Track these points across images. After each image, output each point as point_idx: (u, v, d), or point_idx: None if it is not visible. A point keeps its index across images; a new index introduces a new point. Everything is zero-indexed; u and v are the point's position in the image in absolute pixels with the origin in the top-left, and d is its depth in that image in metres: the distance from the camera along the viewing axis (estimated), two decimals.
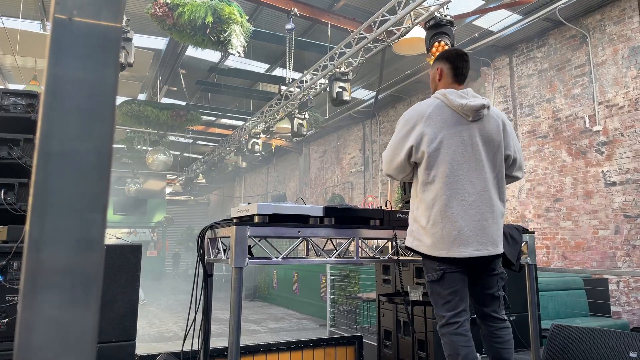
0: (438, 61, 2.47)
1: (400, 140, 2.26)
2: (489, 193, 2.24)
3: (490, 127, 2.30)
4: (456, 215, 2.15)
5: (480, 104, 2.24)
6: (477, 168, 2.23)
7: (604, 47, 7.36)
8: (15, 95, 2.79)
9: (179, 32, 7.19)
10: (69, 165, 0.32)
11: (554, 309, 5.50)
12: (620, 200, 7.00)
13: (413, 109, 2.34)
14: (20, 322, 0.31)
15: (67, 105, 0.33)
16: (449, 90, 2.29)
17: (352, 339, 4.17)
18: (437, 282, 2.19)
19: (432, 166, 2.20)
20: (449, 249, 2.13)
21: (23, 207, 2.65)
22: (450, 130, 2.21)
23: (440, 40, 4.75)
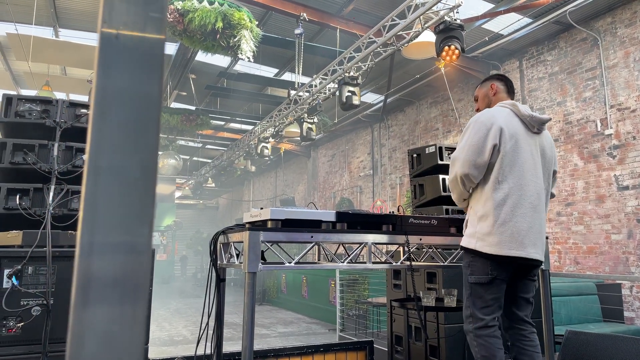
0: (488, 81, 2.71)
1: (482, 140, 2.32)
2: (543, 202, 2.40)
3: (547, 142, 2.51)
4: (525, 216, 2.26)
5: (548, 118, 2.46)
6: (539, 177, 2.39)
7: (615, 50, 7.30)
8: (30, 102, 2.83)
9: (189, 38, 7.26)
10: (117, 179, 0.33)
11: (566, 315, 5.44)
12: (633, 205, 6.92)
13: (486, 114, 2.44)
14: (71, 334, 0.31)
15: (115, 120, 0.33)
16: (515, 103, 2.49)
17: (363, 344, 4.15)
18: (483, 285, 2.25)
19: (506, 167, 2.30)
20: (517, 248, 2.21)
21: (38, 212, 2.68)
22: (520, 137, 2.36)
23: (450, 44, 4.73)
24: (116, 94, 0.34)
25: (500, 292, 2.27)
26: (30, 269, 2.48)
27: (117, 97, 0.33)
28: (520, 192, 2.28)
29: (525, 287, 2.41)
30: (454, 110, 10.34)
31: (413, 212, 4.09)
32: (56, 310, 2.47)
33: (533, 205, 2.29)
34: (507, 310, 2.42)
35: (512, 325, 2.40)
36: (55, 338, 2.44)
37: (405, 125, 12.26)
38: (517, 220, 2.24)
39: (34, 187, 2.71)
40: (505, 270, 2.26)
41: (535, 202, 2.31)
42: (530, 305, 2.43)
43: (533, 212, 2.29)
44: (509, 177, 2.29)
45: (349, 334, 7.32)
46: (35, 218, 2.61)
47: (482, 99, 2.69)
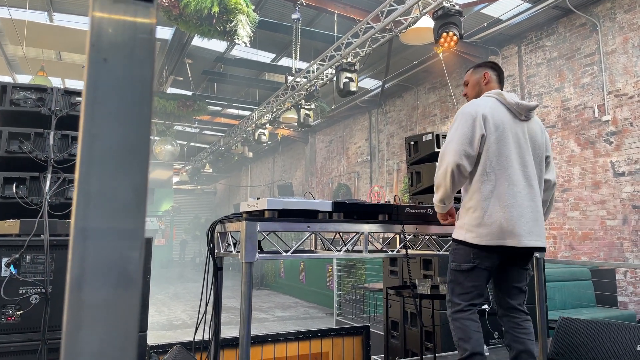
0: (481, 67, 2.68)
1: (470, 130, 2.31)
2: (537, 188, 2.38)
3: (537, 128, 2.49)
4: (514, 205, 2.26)
5: (535, 105, 2.44)
6: (529, 164, 2.37)
7: (614, 36, 7.26)
8: (25, 90, 2.80)
9: (185, 23, 7.18)
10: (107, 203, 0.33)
11: (560, 300, 5.51)
12: (628, 191, 6.96)
13: (472, 104, 2.44)
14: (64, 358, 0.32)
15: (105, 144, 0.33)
16: (501, 91, 2.48)
17: (360, 329, 4.21)
18: (463, 272, 2.27)
19: (492, 157, 2.31)
20: (505, 238, 2.22)
21: (35, 200, 2.68)
22: (506, 126, 2.35)
23: (448, 30, 4.69)
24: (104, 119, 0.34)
25: (481, 280, 2.28)
26: (28, 258, 2.49)
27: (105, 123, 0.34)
28: (508, 182, 2.28)
29: (518, 276, 2.42)
30: (452, 96, 10.31)
31: (410, 199, 4.11)
32: (55, 298, 2.49)
33: (522, 193, 2.29)
34: (500, 299, 2.45)
35: (506, 313, 2.42)
36: (54, 326, 2.46)
37: (403, 111, 12.23)
38: (506, 210, 2.24)
39: (30, 176, 2.71)
40: (489, 259, 2.27)
41: (524, 190, 2.30)
42: (524, 294, 2.45)
43: (523, 201, 2.28)
44: (496, 167, 2.29)
45: (346, 318, 7.40)
46: (32, 207, 2.61)
47: (472, 86, 2.68)
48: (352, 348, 4.09)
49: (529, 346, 2.35)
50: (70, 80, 11.13)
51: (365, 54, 6.42)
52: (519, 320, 2.39)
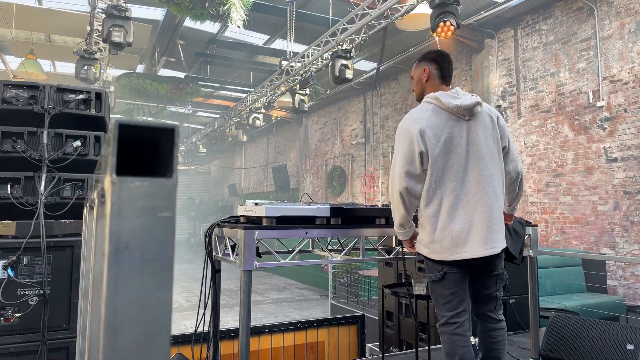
0: (422, 62, 2.48)
1: (409, 149, 2.22)
2: (494, 188, 2.27)
3: (486, 122, 2.34)
4: (464, 215, 2.19)
5: (475, 102, 2.28)
6: (480, 165, 2.25)
7: (611, 21, 7.21)
8: (17, 87, 2.76)
9: (177, 5, 7.04)
10: None
11: (551, 286, 5.61)
12: (620, 177, 7.02)
13: (409, 118, 2.32)
14: None
15: (126, 339, 0.34)
16: (439, 94, 2.32)
17: (355, 319, 4.28)
18: (438, 282, 2.24)
19: (437, 171, 2.21)
20: (459, 251, 2.17)
21: (30, 201, 2.67)
22: (449, 132, 2.24)
23: (445, 20, 4.64)
24: (126, 310, 0.34)
25: (457, 285, 2.23)
26: (26, 260, 2.50)
27: (127, 313, 0.34)
28: (456, 193, 2.20)
29: (486, 283, 2.36)
30: None
31: None
32: (53, 299, 2.50)
33: (472, 202, 2.20)
34: (472, 305, 2.43)
35: (479, 320, 2.41)
36: (53, 326, 2.49)
37: (398, 93, 12.17)
38: (456, 223, 2.18)
39: (24, 176, 2.69)
40: (456, 266, 2.22)
41: (474, 198, 2.21)
42: (494, 300, 2.38)
43: (474, 209, 2.20)
44: (441, 181, 2.21)
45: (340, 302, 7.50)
46: (27, 208, 2.60)
47: (415, 83, 2.53)
48: (348, 337, 4.17)
49: (494, 354, 2.33)
50: (61, 63, 10.94)
51: (361, 40, 6.35)
52: (488, 329, 2.35)
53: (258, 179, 21.76)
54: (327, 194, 15.26)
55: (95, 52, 6.63)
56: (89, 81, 6.55)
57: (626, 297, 6.81)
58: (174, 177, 0.34)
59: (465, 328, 2.22)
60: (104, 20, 5.51)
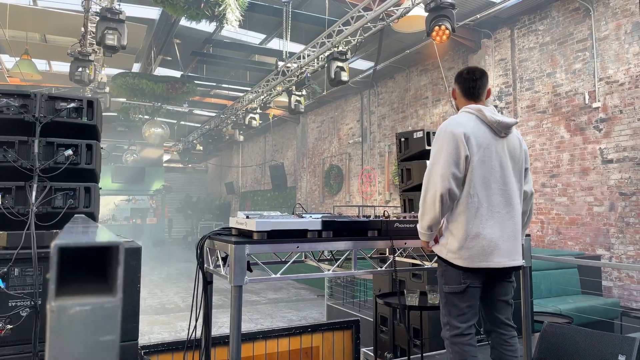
0: (454, 83, 2.65)
1: (454, 151, 2.26)
2: (516, 205, 2.38)
3: (515, 143, 2.45)
4: (494, 226, 2.27)
5: (514, 122, 2.41)
6: (509, 181, 2.35)
7: (607, 22, 7.21)
8: (7, 96, 2.74)
9: (172, 6, 7.01)
10: None
11: (546, 288, 5.62)
12: (616, 178, 7.04)
13: (453, 122, 2.38)
14: None
15: None
16: (482, 107, 2.41)
17: (350, 323, 4.28)
18: (457, 294, 2.28)
19: (476, 178, 2.28)
20: (487, 260, 2.24)
21: (21, 210, 2.66)
22: (488, 145, 2.32)
23: (441, 24, 4.62)
24: None
25: (475, 299, 2.31)
26: (17, 271, 2.49)
27: None
28: (488, 203, 2.28)
29: (502, 289, 2.44)
30: (444, 79, 10.25)
31: (400, 195, 4.13)
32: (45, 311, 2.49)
33: (502, 213, 2.30)
34: (487, 313, 2.47)
35: (493, 328, 2.44)
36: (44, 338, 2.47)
37: (395, 92, 12.15)
38: (487, 232, 2.25)
39: (16, 186, 2.67)
40: (478, 278, 2.31)
41: (504, 210, 2.30)
42: (510, 307, 2.47)
43: (503, 221, 2.30)
44: (479, 189, 2.28)
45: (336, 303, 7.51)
46: (19, 218, 2.59)
47: (453, 99, 2.70)
48: (342, 342, 4.17)
49: None
50: (56, 62, 10.88)
51: (356, 42, 6.33)
52: (506, 337, 2.41)
53: (255, 177, 21.74)
54: (324, 193, 15.27)
55: (90, 54, 6.59)
56: (83, 83, 6.51)
57: (621, 297, 6.84)
58: (118, 296, 0.33)
59: (475, 339, 2.31)
60: (98, 23, 5.47)
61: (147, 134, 12.88)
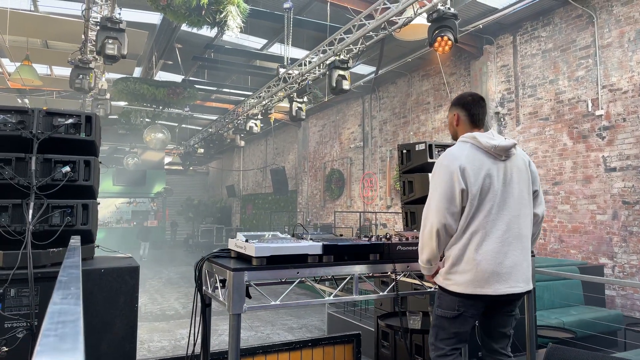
0: (455, 107, 2.55)
1: (449, 186, 2.23)
2: (521, 229, 2.31)
3: (520, 164, 2.39)
4: (493, 252, 2.20)
5: (512, 143, 2.34)
6: (511, 205, 2.29)
7: (610, 29, 7.16)
8: (5, 112, 2.71)
9: (173, 13, 6.98)
10: None
11: (549, 299, 5.57)
12: (619, 186, 6.99)
13: (448, 155, 2.34)
14: None
15: None
16: (477, 134, 2.37)
17: (350, 337, 4.24)
18: (448, 319, 2.24)
19: (474, 208, 2.24)
20: (483, 286, 2.17)
21: (17, 229, 2.62)
22: (487, 170, 2.27)
23: (443, 34, 4.58)
24: None
25: (465, 327, 2.25)
26: (13, 291, 2.46)
27: None
28: (487, 230, 2.22)
29: (503, 321, 2.38)
30: (446, 85, 10.21)
31: (402, 207, 4.09)
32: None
33: (503, 239, 2.23)
34: (484, 341, 2.44)
35: (489, 354, 2.42)
36: None
37: (397, 97, 12.11)
38: (484, 259, 2.19)
39: (12, 204, 2.64)
40: (474, 307, 2.24)
41: (505, 235, 2.24)
42: (507, 338, 2.41)
43: (504, 246, 2.23)
44: (474, 218, 2.23)
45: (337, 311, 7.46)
46: (15, 237, 2.55)
47: (449, 125, 2.61)
48: (343, 356, 4.13)
49: None
50: (58, 68, 10.87)
51: (358, 50, 6.29)
52: None
53: (256, 180, 21.71)
54: (325, 197, 15.23)
55: (90, 62, 6.57)
56: (83, 90, 6.49)
57: (624, 307, 6.78)
58: None
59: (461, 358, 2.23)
60: (98, 33, 5.44)
61: (147, 139, 12.86)
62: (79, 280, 0.76)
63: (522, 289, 2.27)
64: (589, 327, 4.85)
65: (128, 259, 2.99)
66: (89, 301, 2.56)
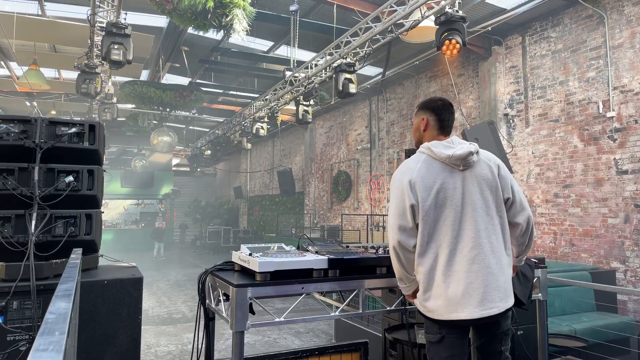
0: (423, 111, 2.39)
1: (400, 202, 2.12)
2: (491, 244, 2.12)
3: (484, 172, 2.20)
4: (459, 273, 2.05)
5: (467, 152, 2.15)
6: (477, 218, 2.11)
7: (622, 29, 7.04)
8: (7, 122, 2.69)
9: (179, 16, 6.97)
10: None
11: (560, 306, 5.48)
12: (631, 189, 6.87)
13: (402, 169, 2.22)
14: None
15: None
16: (432, 143, 2.22)
17: (358, 346, 4.17)
18: (434, 343, 2.12)
19: (430, 225, 2.09)
20: (456, 310, 2.03)
21: (20, 239, 2.60)
22: (442, 184, 2.12)
23: (451, 38, 4.51)
24: None
25: (456, 349, 2.09)
26: (15, 304, 2.43)
27: None
28: (451, 248, 2.07)
29: (489, 341, 2.24)
30: (453, 86, 10.12)
31: None
32: None
33: (470, 257, 2.06)
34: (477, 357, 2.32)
35: None
36: None
37: (404, 99, 12.03)
38: (451, 281, 2.04)
39: (15, 214, 2.61)
40: (455, 331, 2.09)
41: (475, 251, 2.07)
42: (499, 354, 2.25)
43: (473, 264, 2.05)
44: (435, 235, 2.09)
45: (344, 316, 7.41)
46: (18, 249, 2.52)
47: (414, 130, 2.44)
48: None
49: None
50: (66, 71, 10.91)
51: (364, 53, 6.23)
52: None
53: (264, 182, 21.71)
54: (332, 199, 15.17)
55: (96, 67, 6.57)
56: (90, 95, 6.49)
57: (636, 313, 6.66)
58: None
59: None
60: (104, 38, 5.42)
61: (154, 142, 12.89)
62: (66, 320, 0.72)
63: (501, 309, 2.09)
64: (600, 335, 4.76)
65: (132, 268, 2.96)
66: (91, 313, 2.53)
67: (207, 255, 20.33)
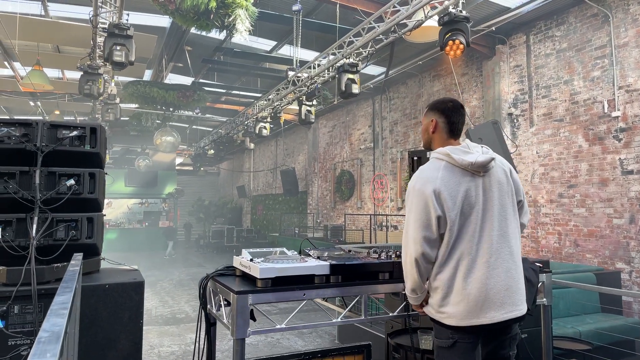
0: (432, 112, 2.34)
1: (424, 214, 2.07)
2: (511, 247, 2.14)
3: (500, 177, 2.21)
4: (481, 279, 2.05)
5: (490, 158, 2.15)
6: (495, 225, 2.12)
7: (627, 28, 6.98)
8: (9, 125, 2.68)
9: (182, 17, 6.96)
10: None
11: (564, 307, 5.44)
12: (636, 190, 6.81)
13: (421, 178, 2.16)
14: None
15: None
16: (450, 149, 2.17)
17: (361, 348, 4.15)
18: (444, 349, 2.10)
19: (454, 233, 2.08)
20: (478, 316, 2.03)
21: (21, 243, 2.59)
22: (465, 191, 2.10)
23: (455, 38, 4.48)
24: None
25: (467, 354, 2.08)
26: (17, 308, 2.42)
27: None
28: (473, 255, 2.07)
29: (501, 344, 2.22)
30: (457, 85, 10.07)
31: None
32: None
33: (491, 262, 2.07)
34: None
35: None
36: None
37: (407, 98, 11.99)
38: (472, 287, 2.04)
39: (16, 218, 2.61)
40: (469, 335, 2.09)
41: (495, 256, 2.08)
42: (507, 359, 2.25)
43: (494, 269, 2.07)
44: (457, 243, 2.08)
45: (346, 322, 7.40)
46: (19, 253, 2.52)
47: (423, 131, 2.40)
48: None
49: None
50: (69, 72, 10.93)
51: (367, 54, 6.20)
52: None
53: (267, 181, 21.71)
54: (335, 198, 15.15)
55: (99, 67, 6.57)
56: (92, 96, 6.49)
57: None
58: None
59: None
60: (106, 39, 5.42)
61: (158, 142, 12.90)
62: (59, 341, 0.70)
63: (522, 311, 2.13)
64: (605, 338, 4.72)
65: (134, 272, 2.95)
66: (93, 317, 2.52)
67: (211, 254, 20.33)
